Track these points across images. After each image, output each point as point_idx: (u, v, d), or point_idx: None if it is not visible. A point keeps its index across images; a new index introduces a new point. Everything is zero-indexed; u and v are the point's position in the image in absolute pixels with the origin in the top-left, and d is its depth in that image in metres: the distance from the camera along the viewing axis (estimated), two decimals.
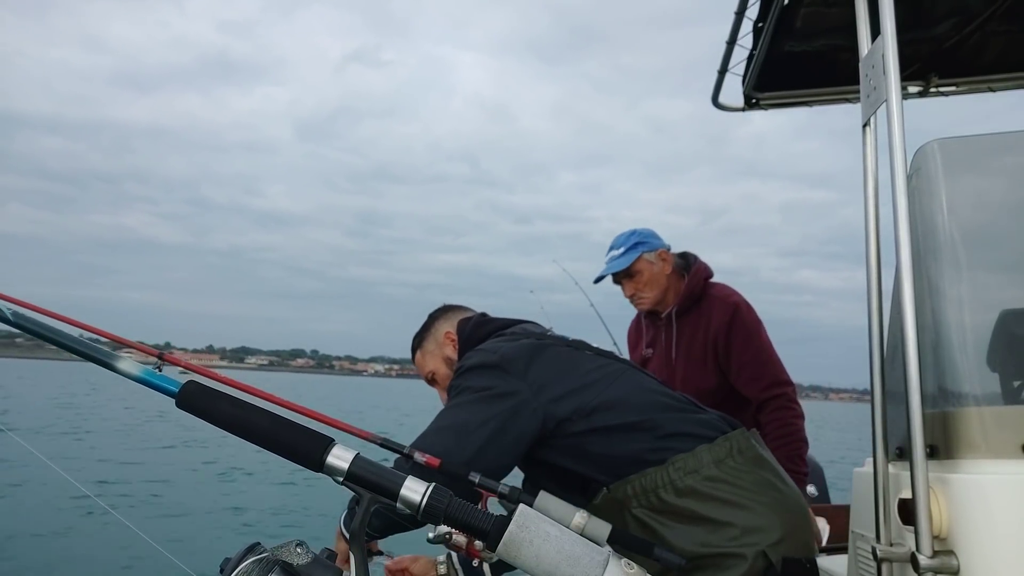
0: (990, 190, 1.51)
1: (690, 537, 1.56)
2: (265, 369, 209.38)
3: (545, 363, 1.73)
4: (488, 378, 1.70)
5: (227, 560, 0.84)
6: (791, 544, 1.58)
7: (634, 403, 1.71)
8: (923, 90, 2.43)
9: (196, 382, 0.91)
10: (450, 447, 1.60)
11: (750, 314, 2.84)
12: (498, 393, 1.66)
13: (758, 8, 2.09)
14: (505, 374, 1.69)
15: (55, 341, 0.96)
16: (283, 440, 0.88)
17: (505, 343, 1.81)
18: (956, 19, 2.10)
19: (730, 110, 2.58)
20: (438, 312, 2.16)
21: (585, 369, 1.75)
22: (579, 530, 1.46)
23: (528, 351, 1.75)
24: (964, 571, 1.18)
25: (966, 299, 1.39)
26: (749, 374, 2.80)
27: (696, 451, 1.61)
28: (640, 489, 1.61)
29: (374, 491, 0.86)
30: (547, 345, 1.79)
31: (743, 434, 1.69)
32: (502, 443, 1.63)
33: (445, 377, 2.04)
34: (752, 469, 1.64)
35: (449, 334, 2.08)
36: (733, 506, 1.57)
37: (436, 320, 2.14)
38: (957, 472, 1.25)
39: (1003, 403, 1.39)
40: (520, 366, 1.70)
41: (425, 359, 2.11)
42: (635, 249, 2.92)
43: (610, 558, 0.88)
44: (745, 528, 1.55)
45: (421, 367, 2.13)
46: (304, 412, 1.84)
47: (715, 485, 1.59)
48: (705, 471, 1.60)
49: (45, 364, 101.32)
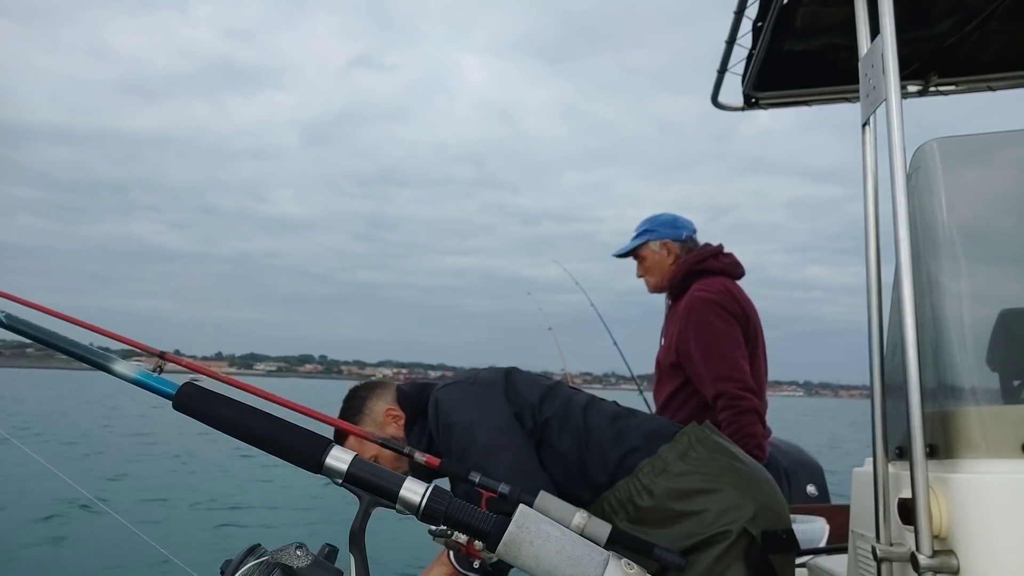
0: (990, 189, 1.51)
1: (674, 536, 1.59)
2: (274, 375, 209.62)
3: (515, 382, 1.83)
4: (484, 402, 1.76)
5: (228, 562, 0.84)
6: (766, 517, 1.63)
7: (597, 407, 1.81)
8: (922, 89, 2.43)
9: (193, 384, 0.90)
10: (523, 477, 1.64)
11: (705, 311, 2.84)
12: (506, 421, 1.74)
13: (757, 7, 2.08)
14: (492, 394, 1.78)
15: (49, 343, 0.96)
16: (281, 442, 0.88)
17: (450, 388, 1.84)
18: (956, 18, 2.10)
19: (730, 110, 2.57)
20: (361, 392, 2.00)
21: (541, 388, 1.83)
22: (579, 530, 1.46)
23: (497, 374, 1.85)
24: (964, 571, 1.18)
25: (966, 298, 1.39)
26: (694, 372, 2.84)
27: (659, 452, 1.67)
28: (617, 503, 1.66)
29: (373, 492, 0.86)
30: (508, 371, 1.89)
31: (695, 427, 1.75)
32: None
33: (389, 459, 1.85)
34: (714, 456, 1.69)
35: (391, 411, 1.94)
36: (705, 493, 1.62)
37: (365, 401, 1.97)
38: (957, 472, 1.25)
39: (1003, 402, 1.39)
40: (499, 386, 1.80)
41: (364, 445, 1.87)
42: (643, 236, 3.12)
43: (610, 558, 0.88)
44: (720, 510, 1.60)
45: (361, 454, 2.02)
46: (304, 412, 1.83)
47: (685, 479, 1.63)
48: (672, 468, 1.64)
49: (55, 374, 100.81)
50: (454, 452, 1.74)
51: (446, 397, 1.80)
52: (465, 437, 1.72)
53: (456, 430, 1.74)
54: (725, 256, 3.02)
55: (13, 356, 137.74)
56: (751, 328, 2.90)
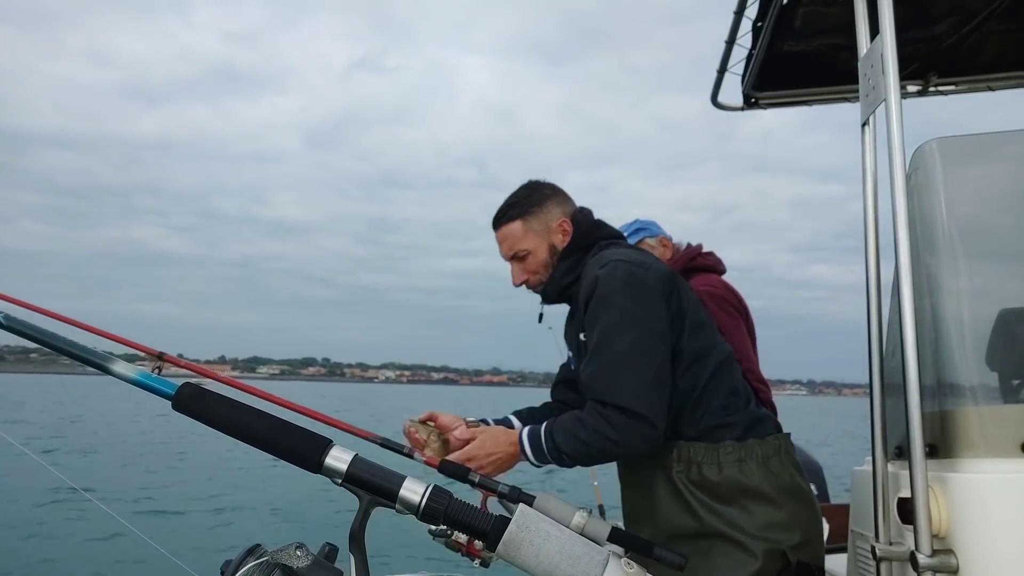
0: (989, 188, 1.51)
1: (719, 515, 1.60)
2: (277, 379, 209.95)
3: (683, 293, 1.74)
4: (646, 302, 1.65)
5: (228, 562, 0.83)
6: (807, 549, 1.64)
7: (728, 373, 1.75)
8: (922, 89, 2.43)
9: (192, 384, 0.90)
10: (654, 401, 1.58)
11: (712, 305, 2.86)
12: (659, 333, 1.65)
13: (757, 7, 2.08)
14: (662, 300, 1.67)
15: (49, 344, 0.96)
16: (281, 442, 0.88)
17: (649, 259, 1.75)
18: (955, 18, 2.10)
19: (729, 109, 2.57)
20: (547, 189, 1.89)
21: (695, 317, 1.74)
22: (579, 530, 1.46)
23: (671, 276, 1.73)
24: (963, 570, 1.18)
25: (965, 297, 1.39)
26: None
27: (748, 443, 1.66)
28: (687, 456, 1.65)
29: (373, 492, 0.86)
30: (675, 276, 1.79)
31: (787, 438, 1.75)
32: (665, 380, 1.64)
33: (540, 265, 1.84)
34: (791, 473, 1.69)
35: (563, 223, 1.86)
36: (765, 500, 1.62)
37: (548, 199, 1.87)
38: (956, 471, 1.25)
39: (1002, 402, 1.39)
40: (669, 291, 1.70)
41: (526, 236, 1.84)
42: (637, 234, 3.11)
43: (610, 558, 0.88)
44: (769, 523, 1.60)
45: (512, 240, 1.86)
46: (304, 412, 1.84)
47: (755, 477, 1.63)
48: (750, 462, 1.64)
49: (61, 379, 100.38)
50: (595, 327, 1.66)
51: (617, 273, 1.67)
52: (615, 324, 1.63)
53: (611, 311, 1.64)
54: (709, 254, 3.05)
55: (17, 362, 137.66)
56: (748, 323, 2.92)
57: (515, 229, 1.85)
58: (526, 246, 1.84)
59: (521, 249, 1.85)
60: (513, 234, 1.85)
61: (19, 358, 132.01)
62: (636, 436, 1.56)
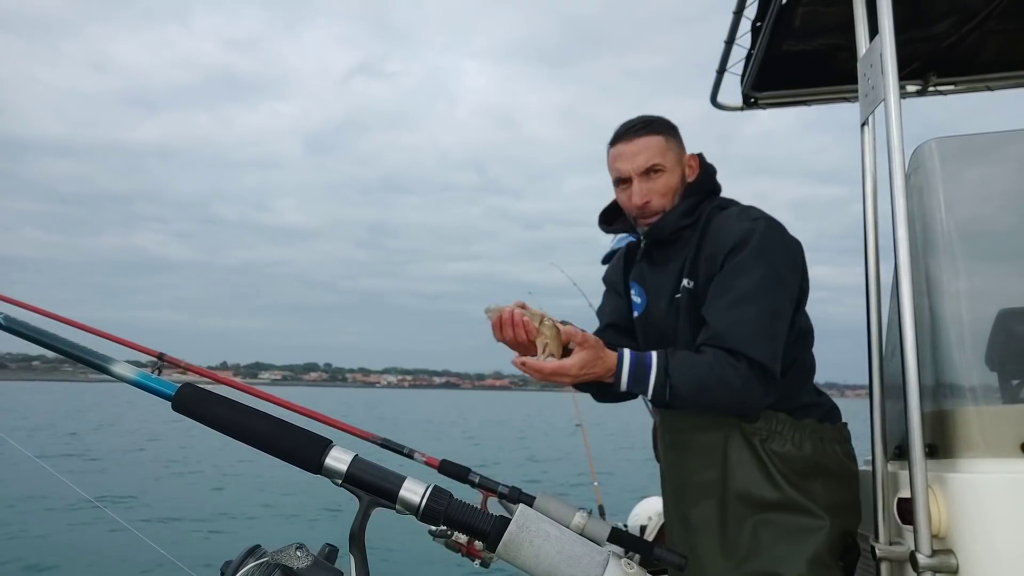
0: (988, 188, 1.51)
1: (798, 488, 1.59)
2: (279, 384, 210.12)
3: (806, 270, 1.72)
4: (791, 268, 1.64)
5: (228, 563, 0.83)
6: (857, 539, 1.65)
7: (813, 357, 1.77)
8: (921, 89, 2.43)
9: (192, 385, 0.90)
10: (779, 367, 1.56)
11: None
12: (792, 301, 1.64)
13: (756, 7, 2.09)
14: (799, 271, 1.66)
15: (49, 345, 0.96)
16: (280, 443, 0.88)
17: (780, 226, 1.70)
18: (954, 18, 2.10)
19: (729, 109, 2.58)
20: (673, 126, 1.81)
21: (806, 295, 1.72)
22: (579, 530, 1.46)
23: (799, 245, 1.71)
24: (963, 570, 1.18)
25: (964, 297, 1.39)
26: None
27: (825, 425, 1.67)
28: (773, 425, 1.63)
29: (373, 492, 0.86)
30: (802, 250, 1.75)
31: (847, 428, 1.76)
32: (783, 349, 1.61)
33: (669, 190, 1.74)
34: (855, 461, 1.70)
35: (692, 158, 1.80)
36: (839, 483, 1.62)
37: (677, 132, 1.80)
38: (956, 471, 1.25)
39: (1002, 402, 1.40)
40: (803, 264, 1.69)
41: (666, 153, 1.74)
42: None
43: (610, 558, 0.88)
44: (842, 504, 1.61)
45: (652, 153, 1.74)
46: (304, 412, 1.84)
47: (833, 460, 1.63)
48: (831, 442, 1.65)
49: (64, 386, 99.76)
50: (742, 276, 1.60)
51: (774, 232, 1.64)
52: (767, 280, 1.58)
53: (765, 266, 1.59)
54: None
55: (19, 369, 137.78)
56: None
57: (658, 142, 1.74)
58: (665, 162, 1.73)
59: (659, 164, 1.73)
60: (655, 146, 1.73)
61: (21, 365, 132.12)
62: (757, 394, 1.54)
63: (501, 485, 1.57)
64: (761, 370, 1.51)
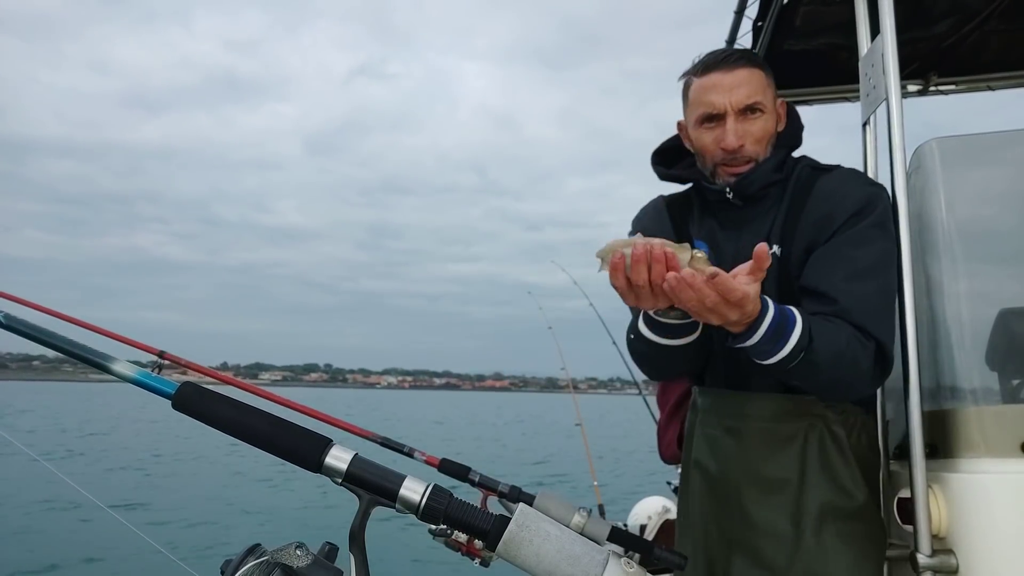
0: (989, 188, 1.51)
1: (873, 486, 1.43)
2: (279, 384, 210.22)
3: None
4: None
5: (227, 562, 0.83)
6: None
7: None
8: (923, 89, 2.43)
9: (192, 383, 0.90)
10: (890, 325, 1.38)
11: None
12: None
13: (757, 7, 2.09)
14: None
15: (49, 343, 0.96)
16: (281, 441, 0.88)
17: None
18: (955, 18, 2.10)
19: None
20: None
21: None
22: (579, 530, 1.46)
23: None
24: (963, 570, 1.18)
25: (965, 297, 1.39)
26: None
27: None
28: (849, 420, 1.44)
29: (373, 491, 0.86)
30: None
31: None
32: None
33: (765, 134, 1.50)
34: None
35: (783, 104, 1.58)
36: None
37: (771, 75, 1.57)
38: (956, 471, 1.25)
39: (1002, 402, 1.40)
40: None
41: (767, 91, 1.51)
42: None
43: (610, 557, 0.88)
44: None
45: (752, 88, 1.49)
46: (304, 411, 1.84)
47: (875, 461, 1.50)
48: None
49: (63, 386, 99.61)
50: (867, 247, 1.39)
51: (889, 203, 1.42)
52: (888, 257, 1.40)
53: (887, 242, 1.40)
54: None
55: (20, 369, 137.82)
56: None
57: (760, 77, 1.50)
58: (766, 102, 1.50)
59: (760, 103, 1.49)
60: (758, 82, 1.50)
61: (22, 365, 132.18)
62: (878, 379, 1.37)
63: (501, 484, 1.57)
64: (883, 353, 1.33)
